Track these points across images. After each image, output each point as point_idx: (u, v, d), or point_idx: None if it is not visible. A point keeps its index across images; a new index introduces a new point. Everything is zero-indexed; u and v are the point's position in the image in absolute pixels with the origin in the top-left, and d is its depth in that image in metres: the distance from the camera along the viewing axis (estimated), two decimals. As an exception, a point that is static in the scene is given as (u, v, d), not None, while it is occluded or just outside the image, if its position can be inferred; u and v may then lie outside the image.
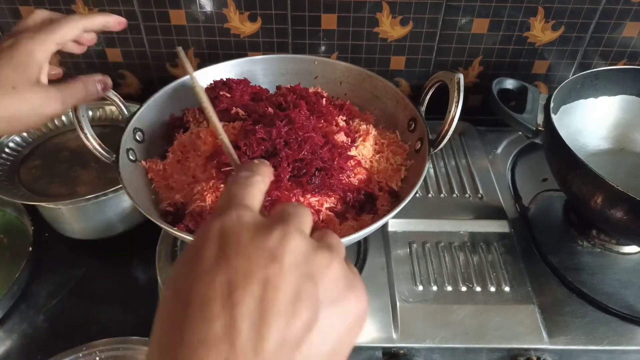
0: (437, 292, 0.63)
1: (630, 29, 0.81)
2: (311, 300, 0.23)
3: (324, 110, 0.62)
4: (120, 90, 0.90)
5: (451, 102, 0.55)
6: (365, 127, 0.64)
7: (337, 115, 0.64)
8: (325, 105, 0.64)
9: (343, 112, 0.66)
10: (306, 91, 0.66)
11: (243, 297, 0.22)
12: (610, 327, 0.60)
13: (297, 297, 0.23)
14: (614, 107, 0.78)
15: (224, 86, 0.65)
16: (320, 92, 0.68)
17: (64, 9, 0.79)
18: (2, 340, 0.64)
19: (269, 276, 0.23)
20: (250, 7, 0.79)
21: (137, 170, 0.60)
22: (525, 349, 0.58)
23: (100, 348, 0.60)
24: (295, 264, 0.24)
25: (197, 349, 0.21)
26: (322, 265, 0.25)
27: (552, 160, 0.69)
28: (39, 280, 0.70)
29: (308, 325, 0.23)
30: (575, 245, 0.70)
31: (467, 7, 0.78)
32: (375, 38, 0.82)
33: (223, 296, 0.22)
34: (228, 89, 0.64)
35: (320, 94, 0.67)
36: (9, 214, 0.77)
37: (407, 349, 0.58)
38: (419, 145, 0.62)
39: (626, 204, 0.57)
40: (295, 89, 0.65)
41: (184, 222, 0.55)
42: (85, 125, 0.54)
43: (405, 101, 0.65)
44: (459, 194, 0.76)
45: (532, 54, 0.85)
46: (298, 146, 0.54)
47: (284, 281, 0.23)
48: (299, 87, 0.66)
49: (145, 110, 0.63)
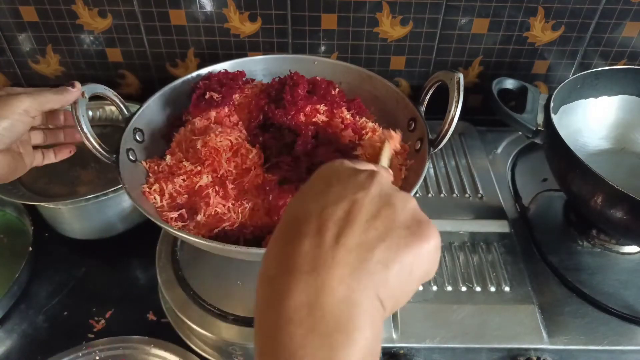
0: (437, 292, 0.63)
1: (630, 29, 0.81)
2: (388, 220, 0.30)
3: (329, 97, 0.62)
4: (120, 90, 0.90)
5: (451, 102, 0.55)
6: (372, 125, 0.64)
7: (344, 107, 0.65)
8: (333, 94, 0.64)
9: (353, 106, 0.67)
10: (316, 79, 0.67)
11: (334, 210, 0.30)
12: (610, 327, 0.60)
13: (377, 215, 0.30)
14: (614, 107, 0.78)
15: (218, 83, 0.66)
16: (333, 83, 0.68)
17: (64, 9, 0.79)
18: (2, 340, 0.64)
19: (357, 198, 0.30)
20: (250, 7, 0.79)
21: (137, 170, 0.60)
22: (525, 349, 0.58)
23: (100, 348, 0.61)
24: (379, 193, 0.31)
25: (300, 240, 0.29)
26: (401, 200, 0.31)
27: (552, 160, 0.69)
28: (39, 280, 0.70)
29: (381, 237, 0.29)
30: (575, 245, 0.70)
31: (467, 7, 0.78)
32: (375, 38, 0.82)
33: (319, 211, 0.30)
34: (220, 86, 0.65)
35: (333, 85, 0.67)
36: (9, 214, 0.77)
37: (407, 349, 0.58)
38: (419, 145, 0.62)
39: (626, 204, 0.58)
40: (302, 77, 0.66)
41: (185, 222, 0.55)
42: (85, 124, 0.53)
43: (405, 101, 0.65)
44: (459, 194, 0.76)
45: (532, 54, 0.85)
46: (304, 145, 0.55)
47: (368, 203, 0.30)
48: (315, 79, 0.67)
49: (145, 110, 0.63)
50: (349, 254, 0.28)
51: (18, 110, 0.49)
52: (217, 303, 0.62)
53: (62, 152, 0.60)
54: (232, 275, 0.64)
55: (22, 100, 0.49)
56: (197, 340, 0.63)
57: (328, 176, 0.33)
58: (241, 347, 0.59)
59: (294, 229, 0.30)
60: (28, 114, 0.50)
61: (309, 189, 0.33)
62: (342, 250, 0.28)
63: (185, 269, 0.65)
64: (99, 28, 0.82)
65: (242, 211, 0.55)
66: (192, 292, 0.62)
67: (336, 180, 0.32)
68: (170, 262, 0.66)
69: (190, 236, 0.50)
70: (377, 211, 0.30)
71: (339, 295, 0.27)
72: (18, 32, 0.83)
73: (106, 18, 0.81)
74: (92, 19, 0.81)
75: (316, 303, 0.26)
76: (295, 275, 0.27)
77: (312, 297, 0.26)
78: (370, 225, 0.29)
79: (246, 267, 0.64)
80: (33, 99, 0.50)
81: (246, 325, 0.60)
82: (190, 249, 0.67)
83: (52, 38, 0.83)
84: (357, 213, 0.29)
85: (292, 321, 0.26)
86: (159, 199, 0.57)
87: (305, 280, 0.27)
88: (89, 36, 0.83)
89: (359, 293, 0.27)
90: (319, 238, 0.28)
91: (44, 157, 0.59)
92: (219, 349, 0.61)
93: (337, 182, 0.32)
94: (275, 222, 0.54)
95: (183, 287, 0.63)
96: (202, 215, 0.54)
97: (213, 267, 0.65)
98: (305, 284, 0.27)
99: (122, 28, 0.82)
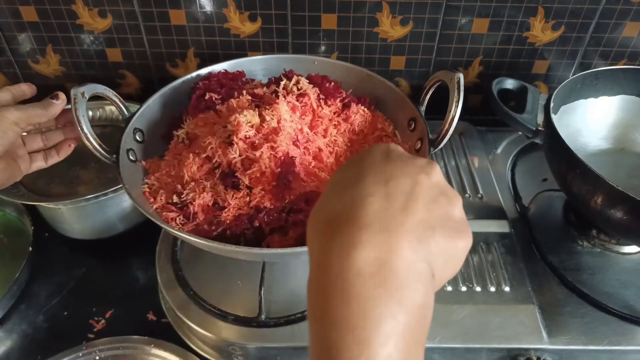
0: (437, 292, 0.62)
1: (630, 29, 0.81)
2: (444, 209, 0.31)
3: (323, 88, 0.64)
4: (120, 90, 0.90)
5: (451, 102, 0.55)
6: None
7: (338, 98, 0.66)
8: (328, 87, 0.65)
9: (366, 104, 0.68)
10: (310, 75, 0.67)
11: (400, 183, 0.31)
12: (610, 327, 0.60)
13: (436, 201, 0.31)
14: (614, 107, 0.78)
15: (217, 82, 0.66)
16: (328, 77, 0.69)
17: (64, 9, 0.79)
18: (2, 340, 0.64)
19: (420, 179, 0.31)
20: (250, 7, 0.79)
21: (138, 170, 0.61)
22: (525, 349, 0.58)
23: (100, 348, 0.61)
24: (438, 183, 0.32)
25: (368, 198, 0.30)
26: (454, 195, 0.33)
27: (552, 160, 0.69)
28: (39, 280, 0.70)
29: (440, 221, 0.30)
30: (575, 245, 0.70)
31: (467, 7, 0.78)
32: (375, 38, 0.82)
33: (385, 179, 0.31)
34: (220, 87, 0.65)
35: (327, 79, 0.68)
36: (9, 214, 0.77)
37: (407, 349, 0.58)
38: (419, 145, 0.62)
39: (626, 204, 0.57)
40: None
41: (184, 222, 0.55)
42: (85, 125, 0.53)
43: (405, 101, 0.65)
44: (459, 194, 0.76)
45: (532, 54, 0.85)
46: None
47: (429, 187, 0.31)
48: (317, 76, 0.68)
49: (145, 111, 0.63)
50: (416, 225, 0.29)
51: (7, 120, 0.51)
52: (217, 303, 0.62)
53: (64, 149, 0.60)
54: (232, 275, 0.64)
55: (12, 111, 0.52)
56: (197, 340, 0.63)
57: (386, 152, 0.34)
58: (241, 347, 0.59)
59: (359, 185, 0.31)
60: (17, 125, 0.52)
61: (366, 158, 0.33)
62: (410, 219, 0.29)
63: (185, 269, 0.65)
64: (99, 28, 0.82)
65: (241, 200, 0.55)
66: (192, 292, 0.62)
67: (397, 157, 0.33)
68: (170, 262, 0.66)
69: (190, 236, 0.50)
70: (436, 197, 0.31)
71: (407, 259, 0.28)
72: (18, 32, 0.83)
73: (106, 18, 0.81)
74: (92, 19, 0.81)
75: (387, 260, 0.28)
76: (366, 230, 0.28)
77: (384, 255, 0.28)
78: (431, 207, 0.30)
79: (246, 267, 0.64)
80: (22, 112, 0.52)
81: (246, 326, 0.60)
82: (190, 249, 0.67)
83: (52, 38, 0.83)
84: (420, 192, 0.30)
85: (362, 274, 0.27)
86: (159, 199, 0.57)
87: (375, 237, 0.28)
88: (89, 36, 0.83)
89: (422, 263, 0.29)
90: (388, 202, 0.29)
91: (48, 159, 0.59)
92: (219, 349, 0.61)
93: (398, 159, 0.33)
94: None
95: (183, 287, 0.63)
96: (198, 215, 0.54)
97: (213, 267, 0.65)
98: (375, 241, 0.28)
99: (122, 28, 0.82)
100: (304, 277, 0.69)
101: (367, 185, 0.31)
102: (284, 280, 0.65)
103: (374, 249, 0.28)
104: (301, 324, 0.60)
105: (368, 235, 0.28)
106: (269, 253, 0.53)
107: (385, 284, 0.27)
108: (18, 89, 0.55)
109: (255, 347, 0.59)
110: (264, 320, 0.60)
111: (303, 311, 0.61)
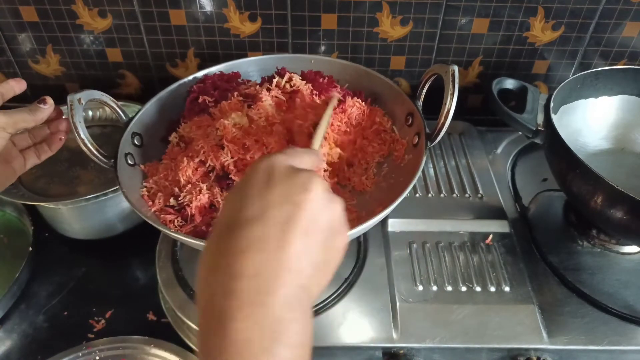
0: (437, 292, 0.63)
1: (630, 29, 0.81)
2: (324, 224, 0.33)
3: (317, 83, 0.64)
4: (120, 90, 0.90)
5: (446, 95, 0.55)
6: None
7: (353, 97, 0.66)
8: (321, 81, 0.66)
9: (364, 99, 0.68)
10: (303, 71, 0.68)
11: (277, 213, 0.31)
12: (610, 327, 0.60)
13: (314, 221, 0.32)
14: (614, 107, 0.78)
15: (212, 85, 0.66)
16: (321, 72, 0.69)
17: (64, 9, 0.79)
18: (2, 340, 0.64)
19: (299, 202, 0.32)
20: (250, 7, 0.79)
21: (136, 173, 0.61)
22: (525, 349, 0.58)
23: (100, 348, 0.61)
24: (319, 196, 0.33)
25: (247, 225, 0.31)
26: (336, 203, 0.35)
27: (552, 160, 0.69)
28: (39, 280, 0.70)
29: (320, 240, 0.32)
30: (575, 245, 0.70)
31: (467, 7, 0.78)
32: (375, 38, 0.82)
33: (261, 212, 0.32)
34: (214, 89, 0.65)
35: (321, 74, 0.68)
36: (9, 214, 0.77)
37: (407, 349, 0.58)
38: (416, 139, 0.62)
39: (626, 204, 0.57)
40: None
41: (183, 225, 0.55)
42: (82, 131, 0.53)
43: (403, 96, 0.65)
44: (459, 194, 0.76)
45: (532, 54, 0.85)
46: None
47: (308, 209, 0.32)
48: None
49: (143, 115, 0.63)
50: (295, 262, 0.31)
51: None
52: (217, 303, 0.61)
53: (55, 144, 0.59)
54: (232, 275, 0.64)
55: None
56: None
57: (269, 172, 0.34)
58: (241, 347, 0.59)
59: (235, 229, 0.31)
60: (5, 130, 0.52)
61: (249, 187, 0.34)
62: (286, 260, 0.30)
63: (185, 269, 0.65)
64: (99, 28, 0.82)
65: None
66: (192, 292, 0.62)
67: (278, 179, 0.33)
68: (170, 262, 0.66)
69: (189, 238, 0.50)
70: (316, 215, 0.32)
71: (282, 299, 0.29)
72: (18, 32, 0.83)
73: (106, 18, 0.81)
74: (92, 19, 0.81)
75: (262, 305, 0.29)
76: (239, 280, 0.29)
77: (258, 302, 0.29)
78: (311, 229, 0.32)
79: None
80: (9, 117, 0.52)
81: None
82: (190, 249, 0.67)
83: (52, 38, 0.83)
84: (299, 219, 0.31)
85: (234, 319, 0.29)
86: (157, 201, 0.57)
87: (249, 283, 0.29)
88: (89, 36, 0.83)
89: (296, 296, 0.30)
90: (264, 243, 0.30)
91: (40, 154, 0.59)
92: (219, 349, 0.61)
93: (278, 182, 0.33)
94: None
95: (183, 287, 0.63)
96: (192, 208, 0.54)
97: (213, 267, 0.65)
98: (249, 288, 0.29)
99: (122, 28, 0.82)
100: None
101: (243, 226, 0.31)
102: (284, 280, 0.65)
103: (248, 296, 0.29)
104: (301, 324, 0.60)
105: (241, 284, 0.29)
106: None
107: (261, 327, 0.28)
108: (6, 86, 0.54)
109: (255, 347, 0.59)
110: (264, 320, 0.60)
111: (303, 311, 0.61)
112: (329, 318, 0.60)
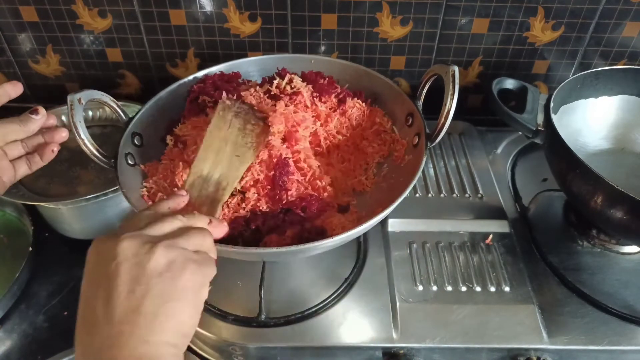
0: (437, 292, 0.63)
1: (630, 29, 0.81)
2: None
3: (317, 85, 0.63)
4: (120, 90, 0.90)
5: (446, 95, 0.55)
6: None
7: (333, 93, 0.65)
8: (322, 83, 0.66)
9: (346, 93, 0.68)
10: (303, 72, 0.68)
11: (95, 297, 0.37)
12: (610, 327, 0.60)
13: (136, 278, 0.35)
14: (614, 107, 0.78)
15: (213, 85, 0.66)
16: (322, 73, 0.69)
17: (64, 9, 0.79)
18: (2, 340, 0.64)
19: (109, 273, 0.36)
20: (250, 7, 0.79)
21: (137, 173, 0.60)
22: (525, 349, 0.59)
23: (100, 348, 0.60)
24: (132, 253, 0.36)
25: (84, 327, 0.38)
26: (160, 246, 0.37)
27: (552, 160, 0.69)
28: (39, 280, 0.70)
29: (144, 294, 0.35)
30: (575, 245, 0.70)
31: (467, 7, 0.78)
32: (375, 38, 0.82)
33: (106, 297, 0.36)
34: (214, 89, 0.65)
35: (321, 74, 0.68)
36: (9, 214, 0.77)
37: (407, 349, 0.58)
38: (416, 140, 0.62)
39: (626, 204, 0.57)
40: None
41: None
42: (82, 131, 0.53)
43: (403, 96, 0.65)
44: (459, 194, 0.76)
45: (532, 54, 0.85)
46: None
47: (123, 273, 0.36)
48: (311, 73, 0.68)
49: (143, 115, 0.63)
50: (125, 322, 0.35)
51: None
52: (217, 303, 0.62)
53: (47, 155, 0.56)
54: (232, 276, 0.64)
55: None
56: (197, 340, 0.63)
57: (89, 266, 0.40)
58: (241, 347, 0.59)
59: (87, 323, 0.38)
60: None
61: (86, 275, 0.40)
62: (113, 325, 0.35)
63: (185, 269, 0.65)
64: (99, 28, 0.82)
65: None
66: (192, 292, 0.62)
67: (90, 267, 0.40)
68: (170, 262, 0.66)
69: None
70: (136, 271, 0.36)
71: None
72: (18, 32, 0.83)
73: (106, 18, 0.81)
74: (92, 19, 0.81)
75: None
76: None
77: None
78: (136, 286, 0.35)
79: (246, 267, 0.64)
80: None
81: (246, 326, 0.60)
82: (190, 249, 0.67)
83: (52, 38, 0.83)
84: (116, 284, 0.36)
85: None
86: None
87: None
88: (89, 36, 0.83)
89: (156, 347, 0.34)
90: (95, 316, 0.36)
91: (31, 164, 0.56)
92: (219, 349, 0.61)
93: (91, 268, 0.40)
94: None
95: (183, 287, 0.63)
96: None
97: (213, 267, 0.65)
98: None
99: (122, 28, 0.82)
100: (304, 277, 0.70)
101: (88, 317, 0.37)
102: (284, 280, 0.65)
103: None
104: (301, 324, 0.60)
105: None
106: (265, 252, 0.53)
107: None
108: (1, 90, 0.52)
109: (255, 347, 0.59)
110: (264, 320, 0.60)
111: (303, 311, 0.61)
112: (329, 318, 0.60)
